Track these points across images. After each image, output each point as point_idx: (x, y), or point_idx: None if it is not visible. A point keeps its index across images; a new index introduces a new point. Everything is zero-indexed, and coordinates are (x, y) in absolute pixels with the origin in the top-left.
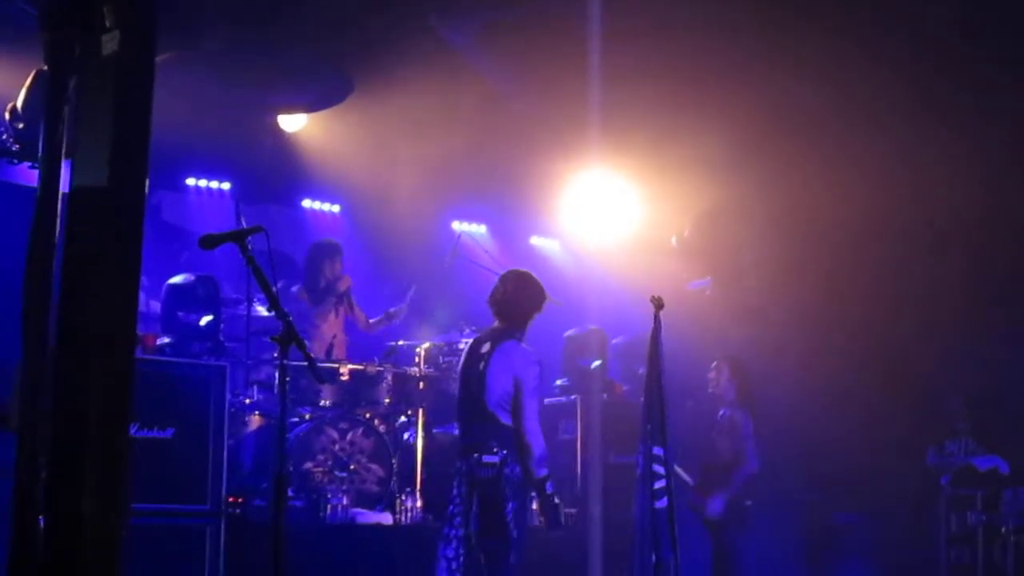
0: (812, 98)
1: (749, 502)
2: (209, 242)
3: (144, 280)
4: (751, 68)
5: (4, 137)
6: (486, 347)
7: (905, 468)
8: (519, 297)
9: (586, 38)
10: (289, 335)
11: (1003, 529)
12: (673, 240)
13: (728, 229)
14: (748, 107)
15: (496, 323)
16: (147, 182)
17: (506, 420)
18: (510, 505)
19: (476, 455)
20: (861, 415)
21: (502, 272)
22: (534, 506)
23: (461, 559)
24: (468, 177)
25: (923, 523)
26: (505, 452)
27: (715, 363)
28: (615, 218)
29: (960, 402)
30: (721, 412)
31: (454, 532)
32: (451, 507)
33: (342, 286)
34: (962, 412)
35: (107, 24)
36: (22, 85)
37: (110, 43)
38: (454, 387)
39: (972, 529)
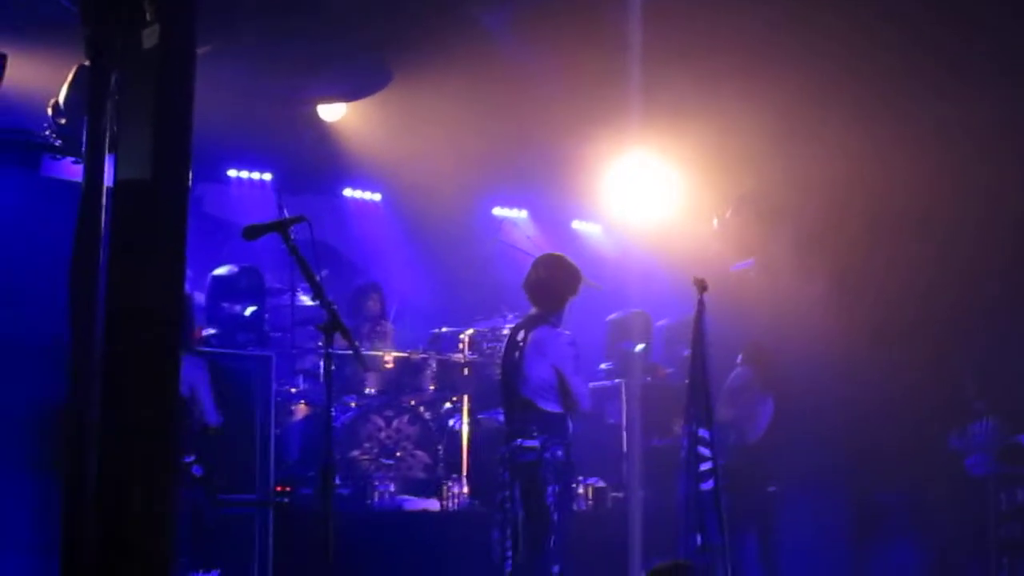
0: (855, 80)
1: (772, 488)
2: (252, 233)
3: (188, 272)
4: (794, 49)
5: (48, 133)
6: (521, 335)
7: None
8: (552, 281)
9: (626, 18)
10: (334, 323)
11: None
12: (715, 222)
13: (770, 211)
14: (791, 88)
15: (532, 309)
16: (190, 175)
17: (545, 406)
18: (550, 488)
19: (517, 440)
20: (902, 393)
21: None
22: (580, 490)
23: (511, 543)
24: (508, 163)
25: (971, 500)
26: (545, 437)
27: (739, 357)
28: (656, 201)
29: (975, 382)
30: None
31: (502, 516)
32: (498, 493)
33: (384, 331)
34: (976, 392)
35: (148, 18)
36: (64, 81)
37: (151, 37)
38: (498, 373)
39: (1020, 507)
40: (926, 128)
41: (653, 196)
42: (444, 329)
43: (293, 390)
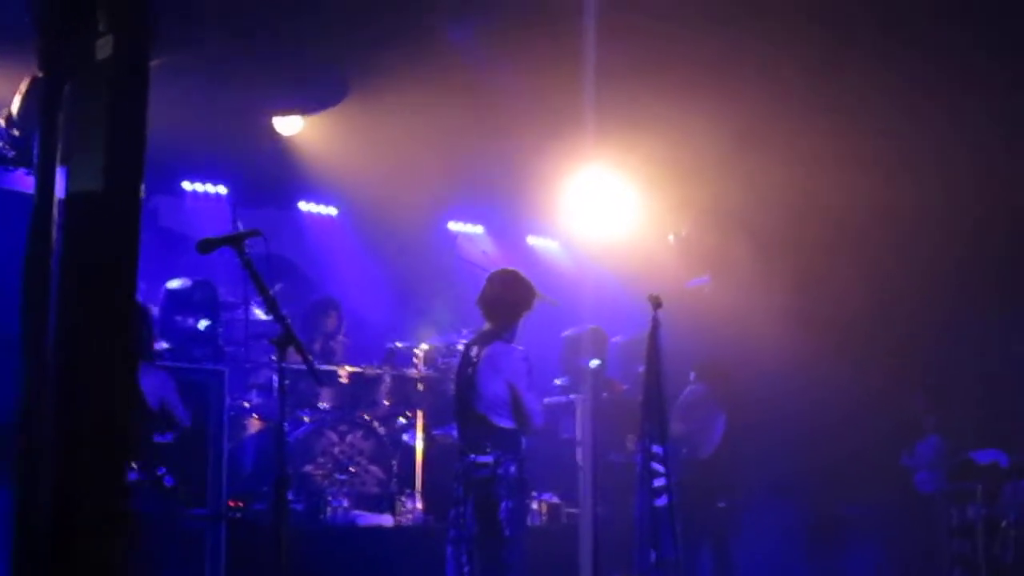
0: (810, 96)
1: (723, 504)
2: (206, 246)
3: (142, 285)
4: (749, 65)
5: (0, 144)
6: (475, 350)
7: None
8: (506, 297)
9: (582, 33)
10: (288, 338)
11: (1003, 523)
12: (671, 238)
13: (725, 227)
14: (747, 104)
15: (486, 325)
16: (143, 187)
17: (498, 422)
18: (504, 504)
19: (471, 456)
20: (859, 409)
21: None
22: (534, 506)
23: (466, 559)
24: (465, 178)
25: (924, 515)
26: (499, 452)
27: (692, 373)
28: (613, 217)
29: (924, 399)
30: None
31: (456, 533)
32: (452, 509)
33: (336, 347)
34: (926, 409)
35: (101, 29)
36: (17, 92)
37: (104, 48)
38: (452, 389)
39: (972, 522)
40: (883, 140)
41: (609, 211)
42: (399, 344)
43: (247, 404)
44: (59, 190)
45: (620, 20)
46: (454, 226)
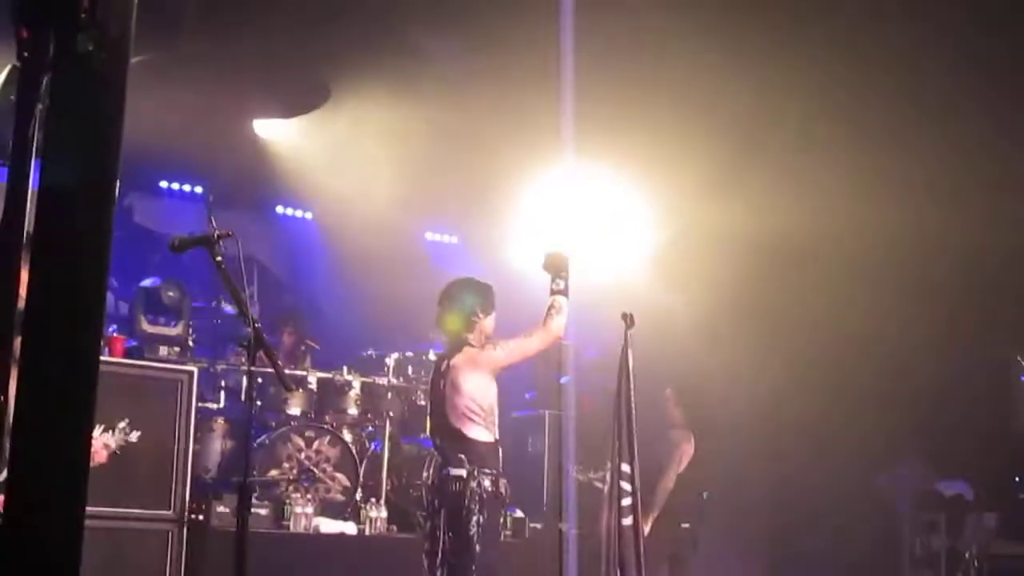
0: (792, 118)
1: (686, 524)
2: (179, 246)
3: (114, 282)
4: (732, 88)
5: None
6: (444, 364)
7: (867, 492)
8: (453, 307)
9: (560, 49)
10: (257, 342)
11: (967, 554)
12: (647, 256)
13: (702, 249)
14: (727, 126)
15: (451, 337)
16: (117, 184)
17: (472, 434)
18: (475, 519)
19: (445, 469)
20: (823, 439)
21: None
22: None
23: (439, 571)
24: (441, 188)
25: (887, 547)
26: (473, 466)
27: (667, 391)
28: (590, 232)
29: (907, 424)
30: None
31: (430, 545)
32: (427, 521)
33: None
34: (909, 434)
35: (82, 22)
36: None
37: (85, 42)
38: (422, 399)
39: (936, 554)
40: (863, 175)
41: (586, 229)
42: (370, 352)
43: (213, 406)
44: (33, 183)
45: (601, 38)
46: (431, 236)
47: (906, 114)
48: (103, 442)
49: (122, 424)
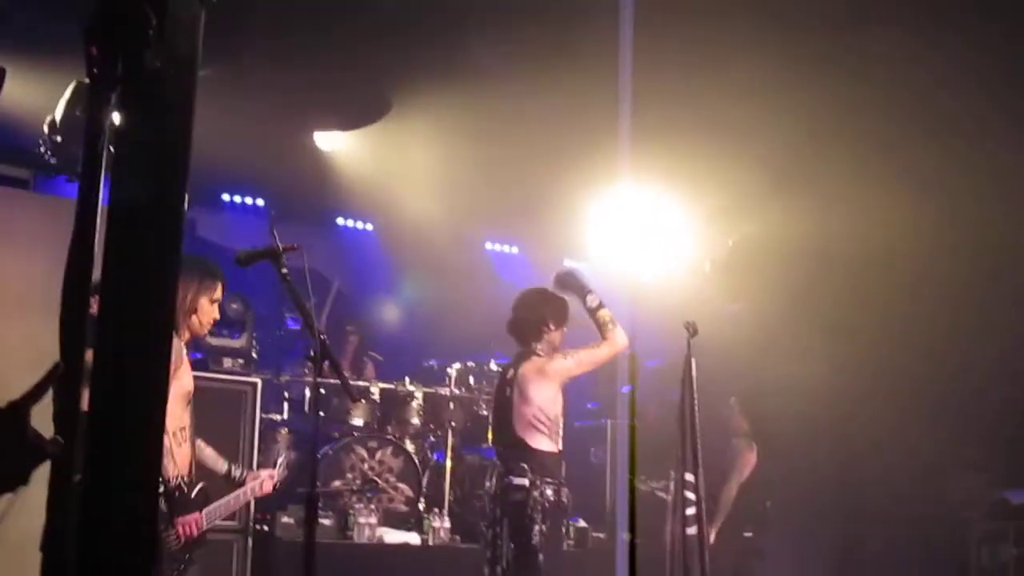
0: (853, 132)
1: (748, 533)
2: (245, 259)
3: None
4: (789, 100)
5: (43, 150)
6: (511, 373)
7: (933, 499)
8: (528, 317)
9: (619, 58)
10: (323, 354)
11: None
12: (707, 265)
13: (764, 257)
14: (788, 132)
15: (519, 348)
16: (186, 198)
17: (536, 444)
18: (537, 528)
19: (508, 478)
20: (890, 447)
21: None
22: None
23: None
24: (502, 199)
25: (954, 556)
26: (535, 476)
27: (732, 399)
28: (649, 242)
29: (975, 432)
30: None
31: (492, 554)
32: (489, 530)
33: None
34: (973, 442)
35: (150, 40)
36: (61, 98)
37: (152, 59)
38: (485, 409)
39: (1004, 564)
40: (922, 183)
41: (646, 237)
42: (432, 362)
43: (277, 417)
44: (103, 198)
45: (658, 46)
46: (491, 247)
47: (976, 121)
48: None
49: None
